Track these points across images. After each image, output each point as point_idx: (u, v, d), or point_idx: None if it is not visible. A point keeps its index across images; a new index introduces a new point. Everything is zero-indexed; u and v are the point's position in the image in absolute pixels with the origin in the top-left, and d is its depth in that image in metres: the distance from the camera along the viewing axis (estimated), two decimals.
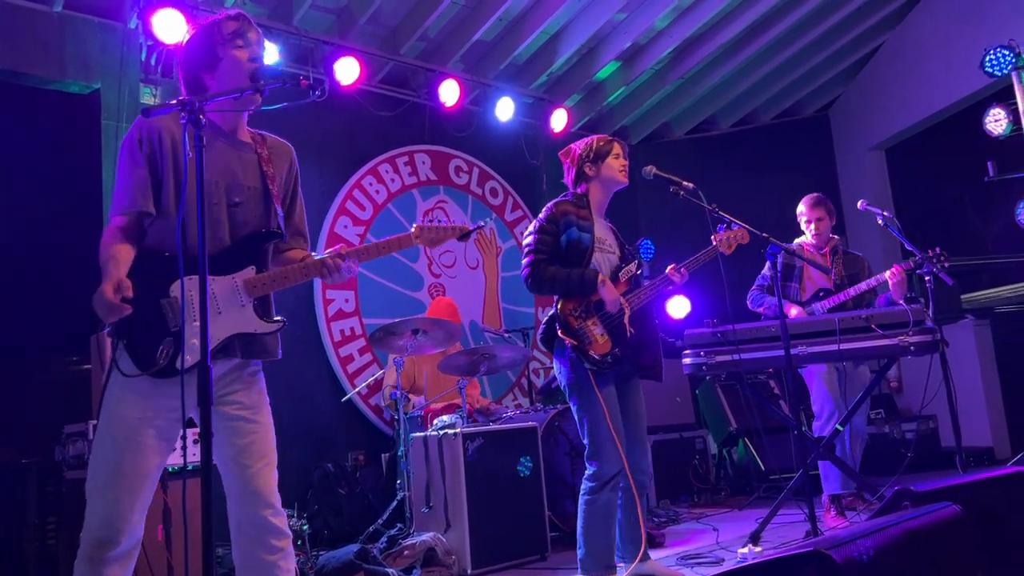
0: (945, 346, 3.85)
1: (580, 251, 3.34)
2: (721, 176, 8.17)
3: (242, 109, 2.31)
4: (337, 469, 5.35)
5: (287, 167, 2.47)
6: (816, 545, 1.73)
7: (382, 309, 6.03)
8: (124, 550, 2.13)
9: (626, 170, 3.50)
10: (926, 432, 6.45)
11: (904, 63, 7.59)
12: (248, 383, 2.30)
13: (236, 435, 2.23)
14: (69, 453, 3.77)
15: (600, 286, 3.28)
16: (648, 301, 3.45)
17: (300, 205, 2.50)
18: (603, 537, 3.24)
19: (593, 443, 3.25)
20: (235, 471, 2.22)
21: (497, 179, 7.10)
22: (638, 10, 6.42)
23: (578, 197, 3.49)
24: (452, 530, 4.04)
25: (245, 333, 2.22)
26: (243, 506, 2.21)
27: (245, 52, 2.29)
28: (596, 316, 3.31)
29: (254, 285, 2.23)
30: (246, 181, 2.31)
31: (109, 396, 2.17)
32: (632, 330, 3.31)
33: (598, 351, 3.25)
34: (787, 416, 3.92)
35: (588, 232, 3.37)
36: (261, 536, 2.19)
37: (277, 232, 2.32)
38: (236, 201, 2.27)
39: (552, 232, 3.37)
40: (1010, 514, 2.38)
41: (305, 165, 5.85)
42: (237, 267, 2.24)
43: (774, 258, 3.47)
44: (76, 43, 5.03)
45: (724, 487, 6.19)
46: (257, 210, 2.31)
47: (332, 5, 5.82)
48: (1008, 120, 5.37)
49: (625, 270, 3.43)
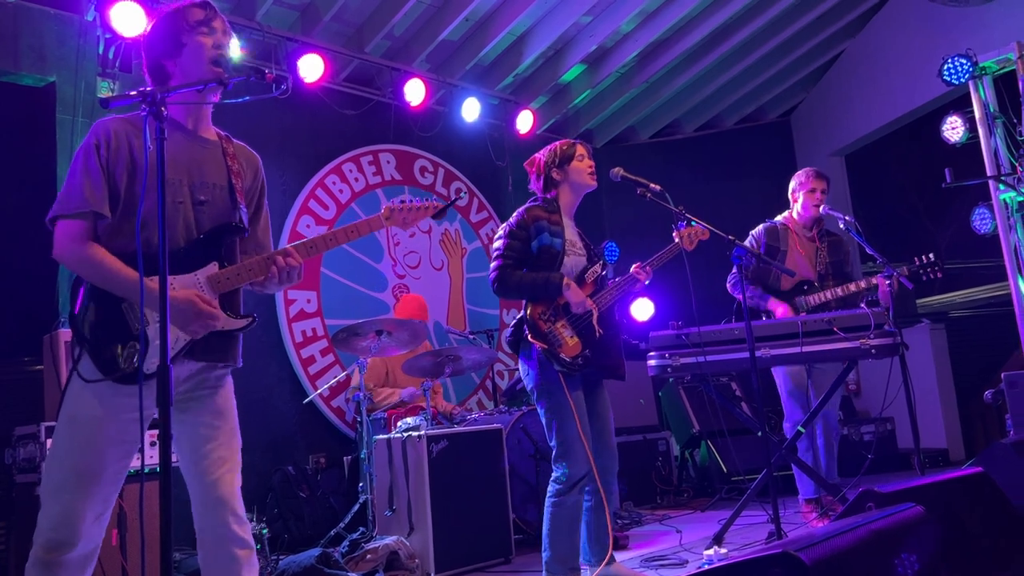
0: (905, 349, 3.90)
1: (552, 256, 3.34)
2: (685, 180, 8.23)
3: (205, 102, 2.25)
4: (298, 472, 5.27)
5: (252, 174, 2.41)
6: (784, 547, 1.74)
7: (345, 310, 5.97)
8: (80, 555, 2.06)
9: (594, 172, 3.50)
10: (884, 434, 6.54)
11: (864, 71, 7.71)
12: (214, 387, 2.24)
13: (199, 440, 2.17)
14: (19, 456, 3.66)
15: (565, 289, 3.27)
16: (613, 302, 3.45)
17: (265, 217, 2.44)
18: (568, 540, 3.23)
19: (562, 445, 3.24)
20: (197, 476, 2.17)
21: (463, 180, 7.06)
22: (604, 13, 6.44)
23: (548, 202, 3.47)
24: (415, 533, 4.00)
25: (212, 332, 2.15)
26: (205, 513, 2.16)
27: (209, 39, 2.23)
28: (565, 319, 3.30)
29: (218, 280, 2.17)
30: (211, 179, 2.25)
31: (68, 398, 2.11)
32: (600, 331, 3.32)
33: (569, 353, 3.25)
34: (748, 418, 3.94)
35: (559, 237, 3.36)
36: (223, 544, 2.13)
37: (240, 226, 2.25)
38: (201, 199, 2.21)
39: (522, 238, 3.36)
40: (970, 513, 2.42)
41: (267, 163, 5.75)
42: (200, 263, 2.17)
43: (740, 260, 3.49)
44: (31, 35, 4.89)
45: (687, 489, 6.22)
46: (223, 207, 2.25)
47: (296, 1, 5.75)
48: (965, 128, 5.47)
49: (591, 271, 3.43)
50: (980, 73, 5.35)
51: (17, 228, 4.52)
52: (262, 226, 2.41)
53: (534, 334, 3.26)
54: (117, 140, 2.14)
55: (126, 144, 2.14)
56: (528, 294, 3.32)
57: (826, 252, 4.55)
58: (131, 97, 1.82)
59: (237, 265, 2.21)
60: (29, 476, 3.60)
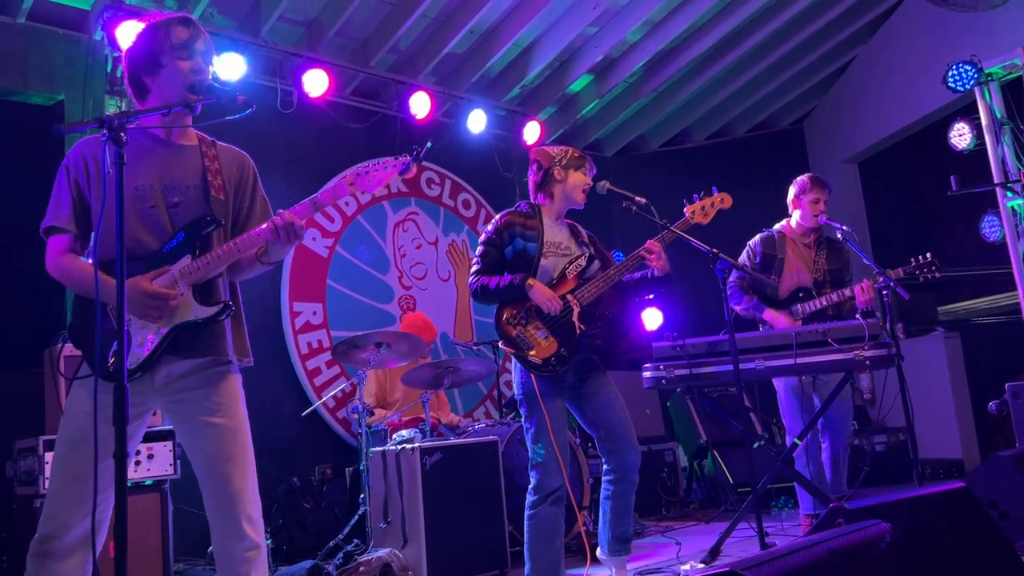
0: (901, 360, 3.85)
1: (526, 260, 3.36)
2: (697, 188, 8.06)
3: (172, 125, 2.31)
4: (303, 483, 5.31)
5: (238, 169, 2.45)
6: (732, 566, 1.73)
7: (351, 322, 6.01)
8: (68, 545, 2.11)
9: (587, 192, 3.51)
10: (896, 444, 6.46)
11: (876, 77, 7.64)
12: (210, 384, 2.27)
13: (202, 440, 2.22)
14: (20, 469, 3.73)
15: (529, 290, 3.25)
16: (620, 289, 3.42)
17: (263, 206, 2.48)
18: (547, 551, 3.22)
19: (535, 455, 3.25)
20: (204, 475, 2.23)
21: (469, 191, 7.10)
22: (609, 24, 6.44)
23: (529, 206, 3.52)
24: (409, 545, 4.02)
25: (187, 323, 2.20)
26: (214, 512, 2.21)
27: (188, 64, 2.29)
28: (539, 320, 3.29)
29: (189, 272, 2.21)
30: (185, 181, 2.31)
31: (69, 396, 2.22)
32: (581, 327, 3.26)
33: (539, 355, 3.23)
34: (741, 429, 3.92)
35: (534, 241, 3.38)
36: (232, 543, 2.18)
37: (210, 219, 2.28)
38: (175, 201, 2.27)
39: (496, 245, 3.42)
40: (947, 531, 2.38)
41: (273, 177, 5.92)
42: (173, 260, 2.23)
43: (723, 274, 3.46)
44: (40, 54, 5.01)
45: (693, 500, 6.18)
46: (198, 205, 2.30)
47: (301, 17, 5.82)
48: (972, 135, 5.40)
49: (574, 265, 3.39)
50: (986, 79, 5.28)
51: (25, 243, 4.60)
52: (259, 215, 2.45)
53: (504, 340, 3.30)
54: (84, 161, 2.26)
55: (93, 163, 2.25)
56: (498, 298, 3.34)
57: (824, 259, 4.49)
58: (88, 124, 1.87)
59: (208, 254, 2.25)
60: (29, 489, 3.67)
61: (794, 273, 4.47)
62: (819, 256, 4.50)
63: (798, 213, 4.57)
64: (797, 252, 4.52)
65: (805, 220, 4.53)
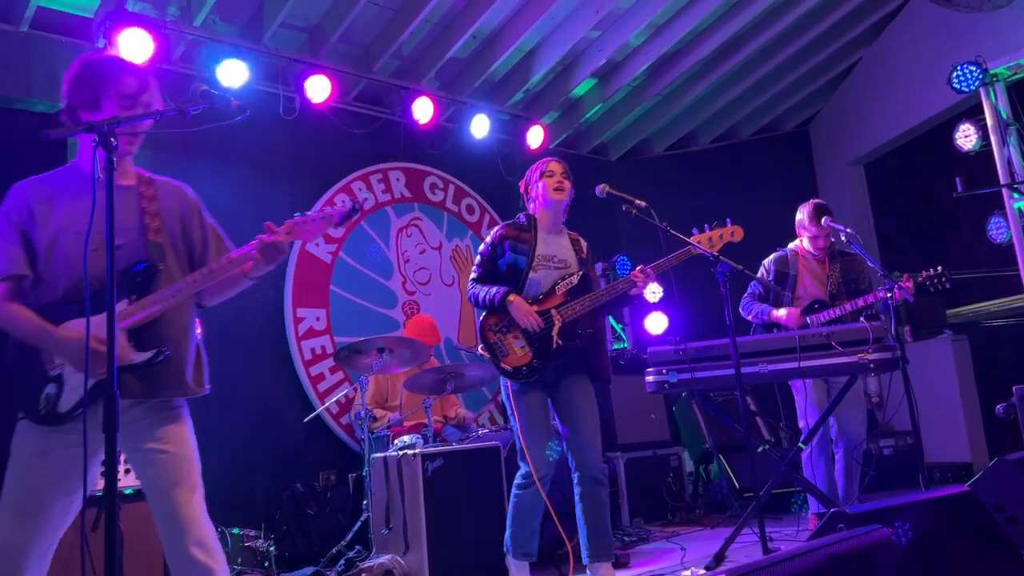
0: (906, 363, 3.82)
1: (516, 272, 3.53)
2: (702, 191, 8.18)
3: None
4: (306, 489, 5.29)
5: (178, 203, 2.43)
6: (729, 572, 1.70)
7: (354, 327, 6.00)
8: None
9: (560, 187, 3.60)
10: (903, 448, 6.41)
11: (882, 78, 7.60)
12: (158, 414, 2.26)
13: (148, 466, 2.21)
14: None
15: (509, 305, 3.42)
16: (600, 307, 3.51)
17: (214, 233, 2.47)
18: (526, 527, 3.52)
19: (520, 449, 3.49)
20: (153, 501, 2.20)
21: (473, 196, 7.09)
22: (612, 27, 6.43)
23: (527, 218, 3.67)
24: (411, 552, 4.00)
25: (122, 367, 2.14)
26: (166, 537, 2.18)
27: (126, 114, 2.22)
28: (519, 330, 3.46)
29: (123, 316, 2.18)
30: (127, 223, 2.29)
31: (13, 437, 2.19)
32: (560, 342, 3.42)
33: (511, 363, 3.46)
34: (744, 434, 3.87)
35: (525, 254, 3.53)
36: (183, 570, 2.15)
37: (145, 265, 2.27)
38: (118, 243, 2.21)
39: (491, 257, 3.62)
40: (950, 536, 2.35)
41: (276, 183, 5.95)
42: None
43: (724, 277, 3.43)
44: (43, 62, 5.02)
45: (699, 505, 6.14)
46: (138, 248, 2.29)
47: (303, 23, 5.82)
48: (978, 136, 5.35)
49: (564, 283, 3.52)
50: (991, 80, 5.24)
51: None
52: (214, 245, 2.45)
53: (483, 344, 3.54)
54: (26, 204, 2.23)
55: (36, 202, 2.23)
56: (486, 307, 3.55)
57: (838, 272, 4.53)
58: (76, 129, 1.86)
59: (146, 298, 2.23)
60: None
61: (808, 288, 4.53)
62: (832, 269, 4.54)
63: (805, 240, 4.65)
64: (809, 268, 4.58)
65: (812, 247, 4.62)
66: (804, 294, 4.53)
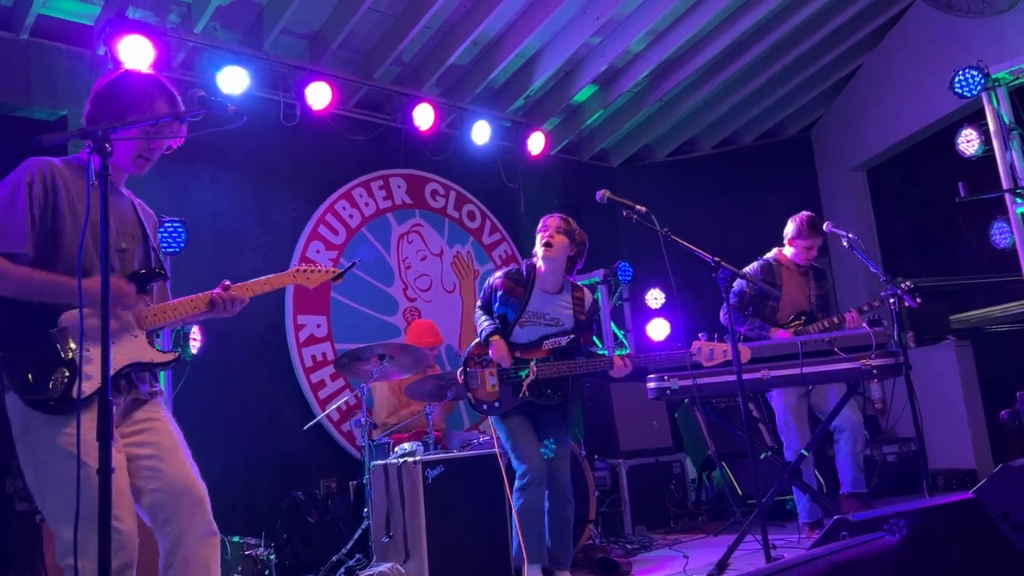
0: (908, 369, 3.80)
1: (505, 324, 3.83)
2: (704, 197, 8.18)
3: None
4: (307, 497, 5.27)
5: (153, 231, 2.51)
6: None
7: (355, 334, 5.98)
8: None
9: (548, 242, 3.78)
10: (907, 454, 6.38)
11: (884, 84, 7.58)
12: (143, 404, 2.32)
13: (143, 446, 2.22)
14: (19, 485, 3.71)
15: (490, 347, 3.74)
16: (573, 375, 3.73)
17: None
18: (535, 530, 3.62)
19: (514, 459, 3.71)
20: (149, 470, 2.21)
21: (474, 202, 7.08)
22: (613, 34, 6.43)
23: (529, 269, 3.89)
24: (412, 560, 3.98)
25: (142, 362, 2.22)
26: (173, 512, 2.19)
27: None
28: (496, 368, 3.73)
29: (145, 317, 2.26)
30: (130, 229, 2.36)
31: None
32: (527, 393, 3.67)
33: (477, 396, 3.76)
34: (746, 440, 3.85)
35: (514, 309, 3.78)
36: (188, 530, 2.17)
37: (161, 272, 2.37)
38: (123, 247, 2.31)
39: (489, 299, 3.94)
40: (953, 544, 2.32)
41: (278, 190, 5.94)
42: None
43: (726, 283, 3.42)
44: (43, 70, 5.03)
45: (702, 512, 6.10)
46: (140, 254, 2.37)
47: (304, 30, 5.83)
48: (980, 141, 5.32)
49: (552, 341, 3.75)
50: (993, 85, 5.21)
51: None
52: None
53: (462, 369, 3.82)
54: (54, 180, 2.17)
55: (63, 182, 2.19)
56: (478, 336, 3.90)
57: (815, 285, 4.74)
58: (72, 134, 1.86)
59: (164, 304, 2.32)
60: (29, 505, 3.64)
61: (792, 298, 4.69)
62: (811, 282, 4.76)
63: (792, 250, 4.78)
64: (793, 278, 4.75)
65: (796, 258, 4.77)
66: (789, 303, 4.69)
